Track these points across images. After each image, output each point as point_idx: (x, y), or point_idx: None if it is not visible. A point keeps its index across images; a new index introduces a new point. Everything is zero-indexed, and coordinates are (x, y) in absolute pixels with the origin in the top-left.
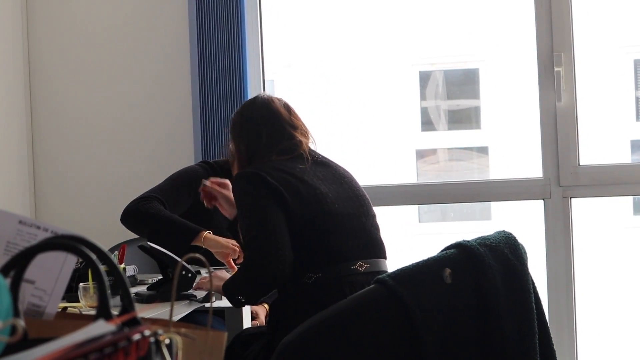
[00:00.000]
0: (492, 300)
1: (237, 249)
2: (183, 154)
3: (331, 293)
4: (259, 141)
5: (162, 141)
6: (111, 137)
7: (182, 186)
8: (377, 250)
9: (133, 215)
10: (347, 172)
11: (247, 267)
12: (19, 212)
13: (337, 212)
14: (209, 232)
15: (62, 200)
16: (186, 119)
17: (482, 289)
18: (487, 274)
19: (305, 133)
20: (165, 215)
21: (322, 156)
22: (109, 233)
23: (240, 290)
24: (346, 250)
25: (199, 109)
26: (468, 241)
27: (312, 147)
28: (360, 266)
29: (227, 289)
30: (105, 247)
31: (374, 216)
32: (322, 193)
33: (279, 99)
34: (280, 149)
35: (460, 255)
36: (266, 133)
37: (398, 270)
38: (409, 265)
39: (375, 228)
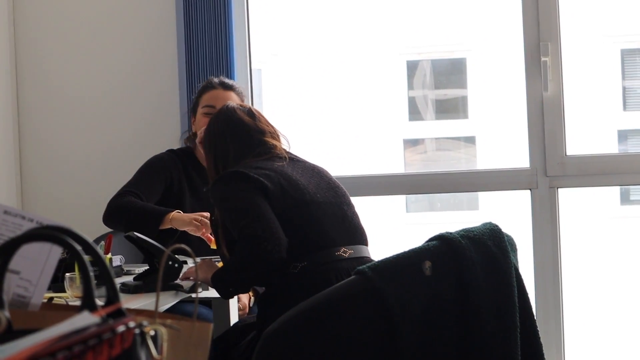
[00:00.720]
0: (472, 293)
1: (207, 220)
2: (169, 141)
3: (318, 280)
4: (227, 155)
5: (149, 127)
6: (98, 121)
7: (152, 174)
8: (359, 236)
9: (108, 213)
10: (320, 167)
11: (242, 254)
12: (4, 196)
13: (318, 200)
14: (178, 212)
15: (49, 184)
16: (173, 106)
17: (463, 282)
18: (468, 267)
19: (275, 135)
20: (135, 205)
21: (295, 155)
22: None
23: (234, 278)
24: (330, 238)
25: (186, 97)
26: (451, 233)
27: (285, 147)
28: (345, 252)
29: (218, 279)
30: (92, 236)
31: (353, 205)
32: (302, 184)
33: (241, 107)
34: (253, 156)
35: (442, 247)
36: (233, 147)
37: (379, 261)
38: (390, 257)
39: (356, 215)
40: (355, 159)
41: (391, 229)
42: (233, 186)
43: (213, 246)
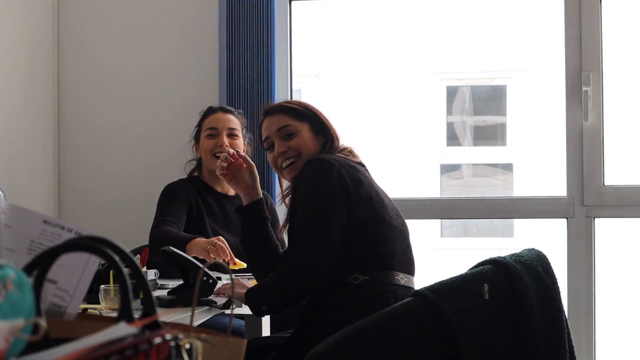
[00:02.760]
0: (527, 318)
1: (223, 243)
2: None
3: (375, 297)
4: (329, 131)
5: (188, 148)
6: (137, 134)
7: (175, 200)
8: (413, 269)
9: (150, 246)
10: None
11: (286, 271)
12: (42, 205)
13: (393, 224)
14: (198, 239)
15: (86, 194)
16: None
17: (518, 307)
18: (524, 292)
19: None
20: (166, 236)
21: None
22: (133, 230)
23: (269, 295)
24: (395, 262)
25: None
26: (504, 257)
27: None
28: (402, 279)
29: (253, 296)
30: (127, 248)
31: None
32: (386, 203)
33: None
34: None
35: (497, 271)
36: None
37: (436, 283)
38: (447, 280)
39: (411, 248)
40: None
41: (425, 253)
42: (326, 182)
43: (233, 267)
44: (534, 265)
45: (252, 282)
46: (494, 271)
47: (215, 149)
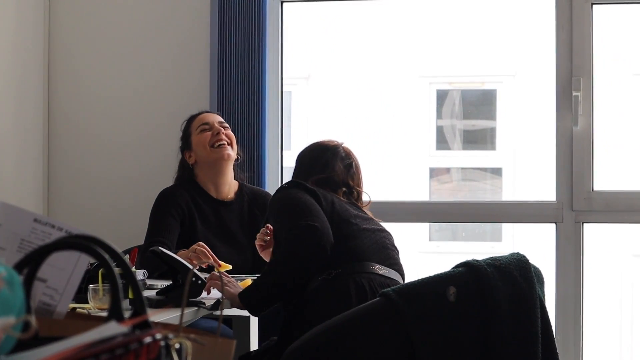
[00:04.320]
0: (495, 321)
1: (203, 248)
2: None
3: (350, 284)
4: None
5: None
6: (126, 139)
7: (166, 214)
8: (395, 266)
9: (144, 264)
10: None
11: (295, 242)
12: (32, 208)
13: (361, 225)
14: (181, 251)
15: (75, 198)
16: None
17: (487, 310)
18: (493, 295)
19: (355, 192)
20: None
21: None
22: (121, 229)
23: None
24: (366, 255)
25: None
26: (477, 260)
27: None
28: (379, 269)
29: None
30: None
31: (397, 248)
32: (351, 212)
33: (346, 155)
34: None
35: (468, 274)
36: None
37: (404, 284)
38: (415, 281)
39: (396, 252)
40: (380, 185)
41: (414, 257)
42: (291, 191)
43: (220, 269)
44: (509, 269)
45: (242, 283)
46: (464, 274)
47: (212, 139)
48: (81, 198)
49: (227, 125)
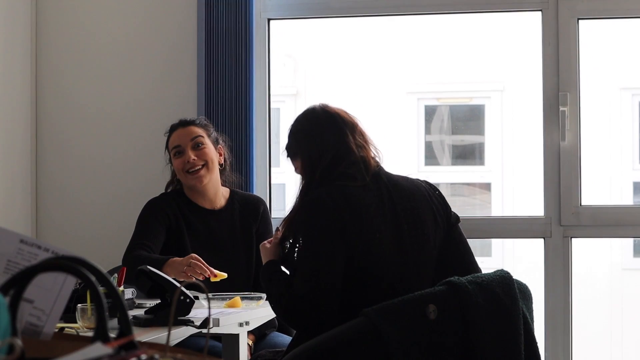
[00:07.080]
0: (475, 339)
1: (198, 261)
2: None
3: None
4: (322, 157)
5: (168, 168)
6: (114, 158)
7: (152, 220)
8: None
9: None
10: (415, 187)
11: (287, 310)
12: (20, 227)
13: (386, 260)
14: (173, 258)
15: (64, 216)
16: None
17: (467, 327)
18: (473, 313)
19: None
20: (139, 259)
21: (391, 175)
22: (110, 249)
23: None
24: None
25: None
26: (459, 278)
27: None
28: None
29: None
30: (105, 267)
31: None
32: (379, 238)
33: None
34: (345, 164)
35: (448, 292)
36: (330, 146)
37: (384, 303)
38: (395, 300)
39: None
40: None
41: None
42: (315, 222)
43: (214, 279)
44: (491, 286)
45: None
46: (444, 292)
47: (186, 167)
48: (70, 218)
49: (201, 140)
